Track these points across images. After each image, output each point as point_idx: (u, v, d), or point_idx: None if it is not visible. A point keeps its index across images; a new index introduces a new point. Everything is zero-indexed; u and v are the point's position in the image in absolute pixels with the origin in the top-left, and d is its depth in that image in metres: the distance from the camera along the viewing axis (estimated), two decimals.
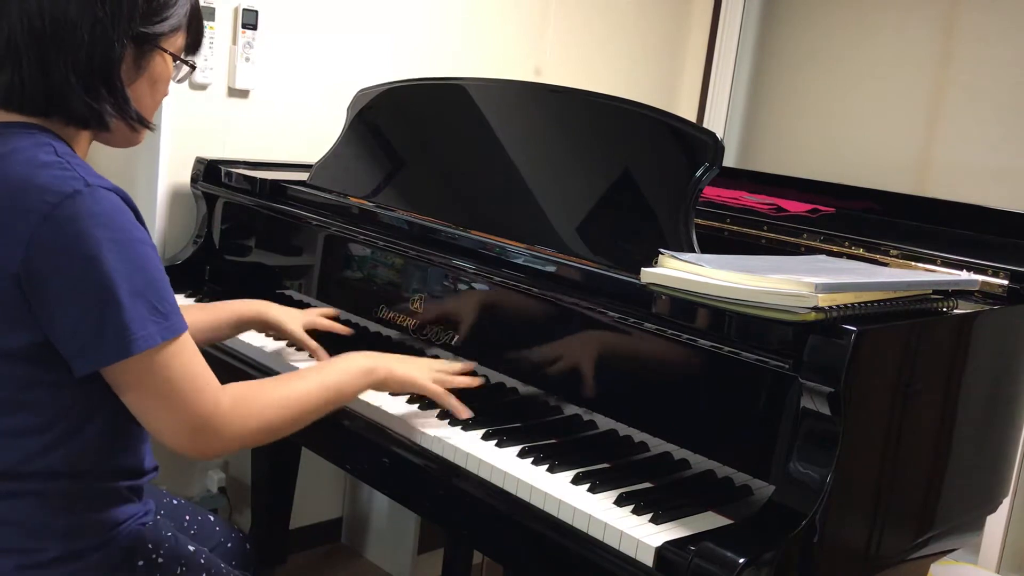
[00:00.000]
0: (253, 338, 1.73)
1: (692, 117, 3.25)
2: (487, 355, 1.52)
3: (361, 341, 1.66)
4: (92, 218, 1.03)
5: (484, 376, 1.50)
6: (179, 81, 1.26)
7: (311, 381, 1.27)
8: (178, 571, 1.25)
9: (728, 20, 3.21)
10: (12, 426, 1.10)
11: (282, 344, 1.71)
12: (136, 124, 1.18)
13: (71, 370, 1.07)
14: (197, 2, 1.24)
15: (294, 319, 1.60)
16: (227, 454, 1.18)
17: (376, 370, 1.36)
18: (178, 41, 1.21)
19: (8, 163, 1.06)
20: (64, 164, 1.06)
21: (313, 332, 1.62)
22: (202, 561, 1.30)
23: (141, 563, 1.21)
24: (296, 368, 1.58)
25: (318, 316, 1.65)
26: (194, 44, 1.25)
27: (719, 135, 1.44)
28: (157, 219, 2.16)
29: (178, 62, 1.22)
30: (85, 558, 1.15)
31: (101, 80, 1.12)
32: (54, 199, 1.03)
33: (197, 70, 2.08)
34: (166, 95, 1.24)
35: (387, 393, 1.46)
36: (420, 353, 1.60)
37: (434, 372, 1.41)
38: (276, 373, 1.60)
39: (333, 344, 1.61)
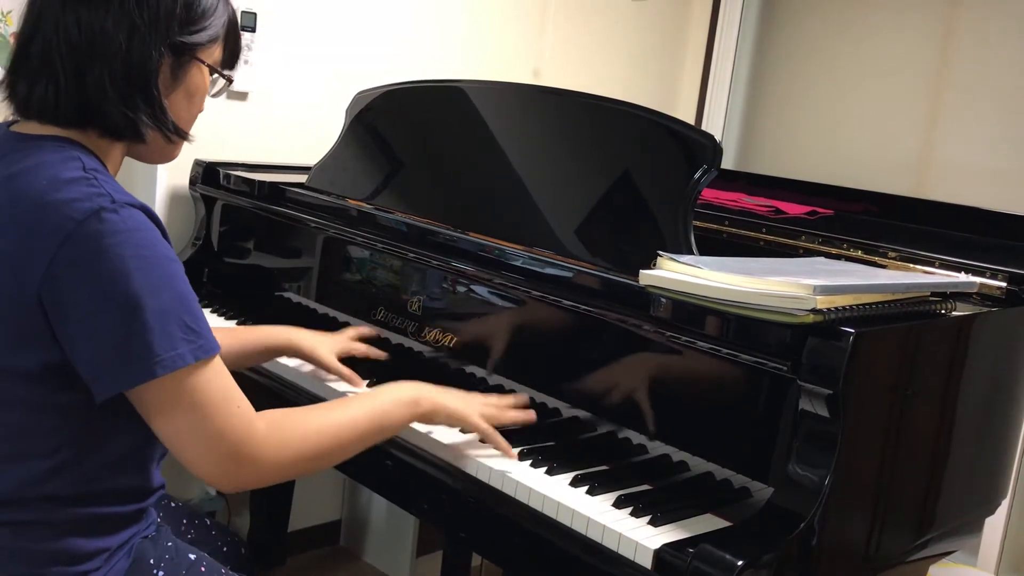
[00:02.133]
0: (288, 359, 1.63)
1: (690, 119, 3.25)
2: (485, 357, 1.52)
3: (398, 364, 1.59)
4: (117, 235, 1.00)
5: (482, 383, 1.50)
6: (215, 95, 1.23)
7: (354, 410, 1.21)
8: None
9: (726, 22, 3.22)
10: (18, 450, 1.07)
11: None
12: (173, 136, 1.15)
13: (87, 393, 1.03)
14: (235, 14, 1.21)
15: (326, 346, 1.53)
16: (262, 485, 1.13)
17: (421, 402, 1.29)
18: (215, 53, 1.18)
19: (32, 177, 1.04)
20: (91, 180, 1.03)
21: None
22: (203, 569, 1.30)
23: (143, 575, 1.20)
24: (334, 389, 1.54)
25: (351, 341, 1.58)
26: (231, 57, 1.22)
27: (717, 137, 1.44)
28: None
29: (215, 75, 1.19)
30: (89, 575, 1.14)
31: (138, 90, 1.09)
32: (79, 216, 0.99)
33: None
34: (202, 111, 1.21)
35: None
36: (418, 355, 1.60)
37: (484, 407, 1.34)
38: (313, 394, 1.56)
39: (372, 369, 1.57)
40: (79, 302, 1.00)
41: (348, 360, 1.56)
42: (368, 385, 1.53)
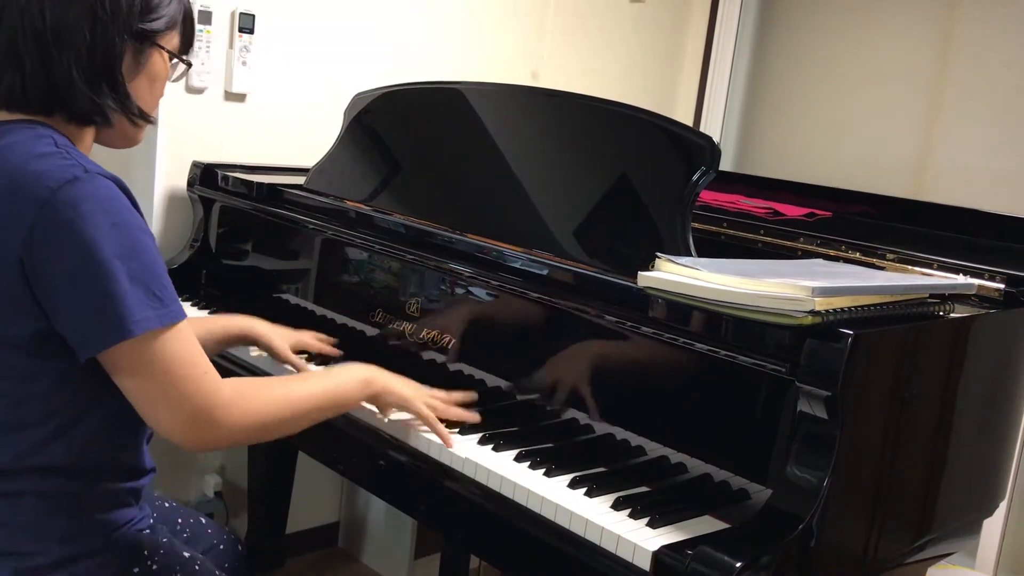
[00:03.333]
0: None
1: (689, 121, 3.25)
2: (484, 358, 1.51)
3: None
4: (90, 202, 1.04)
5: (481, 384, 1.50)
6: (175, 80, 1.29)
7: (312, 384, 1.29)
8: None
9: (725, 23, 3.22)
10: (12, 419, 1.11)
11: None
12: (138, 119, 1.21)
13: (74, 357, 1.08)
14: (188, 2, 1.27)
15: (281, 337, 1.60)
16: (224, 447, 1.19)
17: (373, 382, 1.37)
18: (174, 40, 1.24)
19: (7, 154, 1.08)
20: (63, 154, 1.08)
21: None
22: (197, 567, 1.30)
23: (136, 570, 1.21)
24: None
25: (310, 338, 1.65)
26: (187, 43, 1.28)
27: (716, 139, 1.44)
28: (154, 223, 2.15)
29: (174, 60, 1.25)
30: (81, 563, 1.15)
31: (104, 76, 1.14)
32: (54, 184, 1.04)
33: (194, 74, 2.11)
34: (163, 95, 1.27)
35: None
36: (415, 356, 1.60)
37: (430, 398, 1.40)
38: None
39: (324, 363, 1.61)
40: (57, 268, 1.05)
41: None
42: None
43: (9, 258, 1.05)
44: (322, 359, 1.64)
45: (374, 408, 1.43)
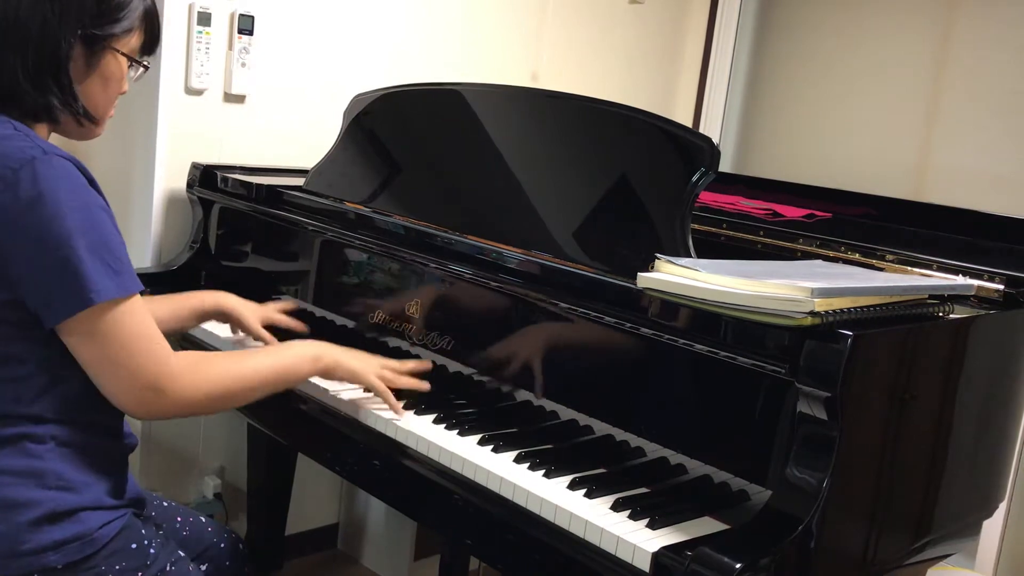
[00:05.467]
0: (216, 327, 1.79)
1: (688, 122, 3.25)
2: (483, 360, 1.51)
3: (320, 334, 1.68)
4: (49, 180, 1.10)
5: (480, 385, 1.50)
6: (136, 79, 1.31)
7: (262, 360, 1.34)
8: None
9: (724, 25, 3.22)
10: (2, 374, 1.16)
11: (243, 335, 1.73)
12: (83, 119, 1.23)
13: (41, 325, 1.14)
14: (152, 3, 1.28)
15: (252, 311, 1.65)
16: (172, 416, 1.25)
17: (323, 357, 1.41)
18: (132, 42, 1.26)
19: None
20: (23, 135, 1.14)
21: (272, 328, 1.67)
22: (190, 568, 1.30)
23: (134, 546, 1.23)
24: None
25: (275, 312, 1.69)
26: (150, 44, 1.30)
27: (715, 140, 1.44)
28: (153, 224, 2.15)
29: (132, 63, 1.27)
30: (80, 516, 1.18)
31: (49, 76, 1.18)
32: (15, 164, 1.10)
33: (194, 75, 2.11)
34: (123, 92, 1.29)
35: (333, 382, 1.49)
36: (415, 358, 1.60)
37: (381, 369, 1.45)
38: None
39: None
40: (18, 244, 1.10)
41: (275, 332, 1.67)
42: None
43: None
44: (290, 336, 1.66)
45: (374, 408, 1.43)
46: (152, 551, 1.23)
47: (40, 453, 1.17)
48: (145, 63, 1.30)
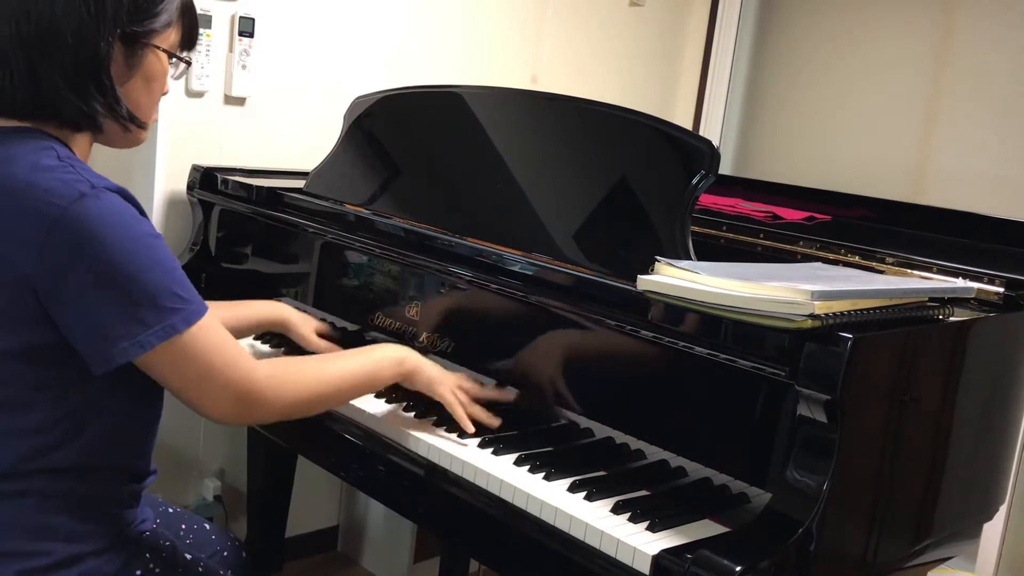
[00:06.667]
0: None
1: (688, 125, 3.26)
2: (482, 362, 1.51)
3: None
4: (101, 218, 1.04)
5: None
6: (177, 77, 1.26)
7: (347, 362, 1.32)
8: None
9: (724, 27, 3.22)
10: (18, 425, 1.11)
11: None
12: (128, 124, 1.18)
13: (82, 368, 1.08)
14: None
15: (309, 325, 1.65)
16: (268, 421, 1.26)
17: (406, 361, 1.39)
18: (171, 37, 1.20)
19: (12, 167, 1.07)
20: (67, 167, 1.07)
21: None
22: (200, 569, 1.30)
23: (139, 572, 1.20)
24: None
25: (325, 326, 1.69)
26: (189, 38, 1.25)
27: (715, 143, 1.44)
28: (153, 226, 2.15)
29: (174, 59, 1.22)
30: (84, 563, 1.15)
31: (90, 80, 1.12)
32: (63, 202, 1.04)
33: (194, 77, 2.11)
34: (165, 92, 1.24)
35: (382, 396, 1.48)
36: None
37: (457, 386, 1.41)
38: None
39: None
40: (72, 285, 1.05)
41: None
42: None
43: (17, 276, 1.05)
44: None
45: (374, 411, 1.43)
46: (159, 569, 1.23)
47: (51, 508, 1.13)
48: (187, 58, 1.25)
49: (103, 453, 1.16)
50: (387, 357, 1.37)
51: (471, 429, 1.37)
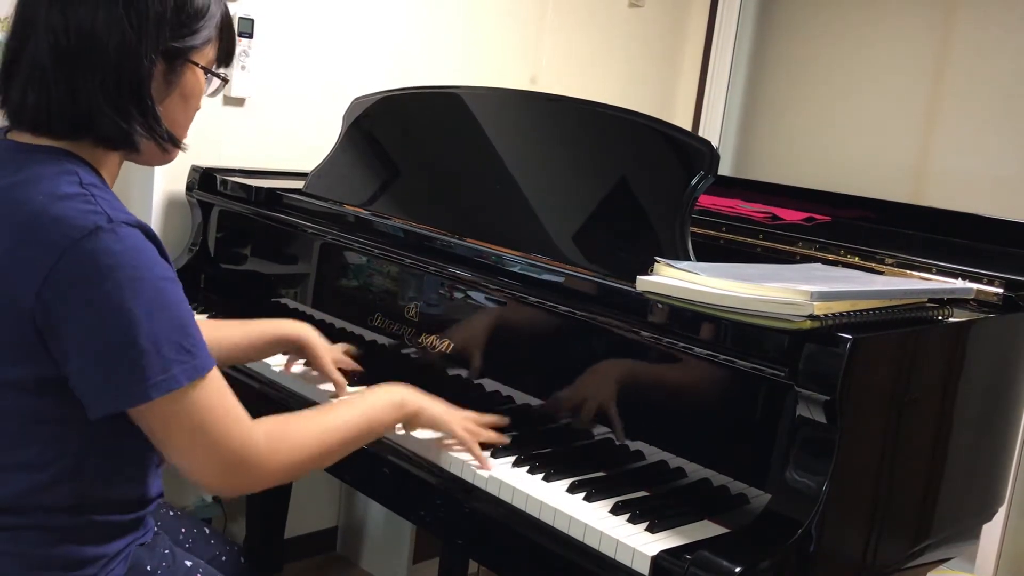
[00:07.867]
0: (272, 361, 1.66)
1: (688, 126, 3.26)
2: (482, 363, 1.51)
3: (395, 370, 1.59)
4: (113, 256, 0.98)
5: (479, 388, 1.50)
6: (212, 95, 1.22)
7: (345, 413, 1.25)
8: None
9: (723, 28, 3.22)
10: (16, 460, 1.06)
11: (302, 368, 1.64)
12: (167, 144, 1.13)
13: (82, 408, 1.03)
14: (227, 11, 1.18)
15: (329, 351, 1.57)
16: (261, 489, 1.16)
17: (407, 404, 1.34)
18: (209, 54, 1.16)
19: (29, 191, 1.02)
20: (87, 197, 1.02)
21: None
22: (199, 574, 1.29)
23: None
24: (322, 391, 1.56)
25: (343, 354, 1.61)
26: (226, 55, 1.20)
27: (714, 143, 1.44)
28: (152, 227, 2.15)
29: (210, 75, 1.17)
30: None
31: (131, 99, 1.07)
32: (75, 234, 0.98)
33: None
34: (198, 110, 1.19)
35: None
36: (415, 362, 1.60)
37: (464, 420, 1.37)
38: (302, 396, 1.58)
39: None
40: (73, 322, 0.99)
41: None
42: (351, 385, 1.56)
43: (19, 304, 0.99)
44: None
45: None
46: None
47: (53, 540, 1.09)
48: (225, 76, 1.20)
49: (103, 489, 1.12)
50: (387, 401, 1.31)
51: (490, 467, 1.31)
